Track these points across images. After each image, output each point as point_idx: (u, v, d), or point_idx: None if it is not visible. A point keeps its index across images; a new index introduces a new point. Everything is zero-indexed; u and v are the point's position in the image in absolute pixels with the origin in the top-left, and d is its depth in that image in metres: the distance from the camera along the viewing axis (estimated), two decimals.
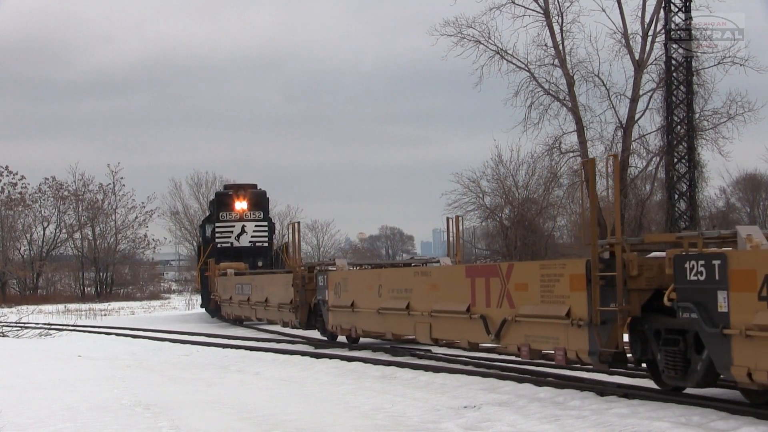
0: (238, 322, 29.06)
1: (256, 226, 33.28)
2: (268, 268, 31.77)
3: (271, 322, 24.41)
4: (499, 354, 14.44)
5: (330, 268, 19.44)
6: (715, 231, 10.12)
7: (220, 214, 33.34)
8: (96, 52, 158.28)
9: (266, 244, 33.80)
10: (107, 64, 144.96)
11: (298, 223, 21.07)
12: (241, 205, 33.11)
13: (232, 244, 32.87)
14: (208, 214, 41.49)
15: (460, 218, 19.57)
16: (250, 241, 33.11)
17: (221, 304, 29.24)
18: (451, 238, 19.37)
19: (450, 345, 15.43)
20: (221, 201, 33.79)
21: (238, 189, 33.74)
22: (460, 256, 19.02)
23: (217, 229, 33.27)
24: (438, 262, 18.79)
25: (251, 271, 30.06)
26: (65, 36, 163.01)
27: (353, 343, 17.99)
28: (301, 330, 21.08)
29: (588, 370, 12.22)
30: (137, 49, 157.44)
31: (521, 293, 11.74)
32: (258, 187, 34.57)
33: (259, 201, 33.75)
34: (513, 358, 13.88)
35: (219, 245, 32.94)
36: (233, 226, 33.07)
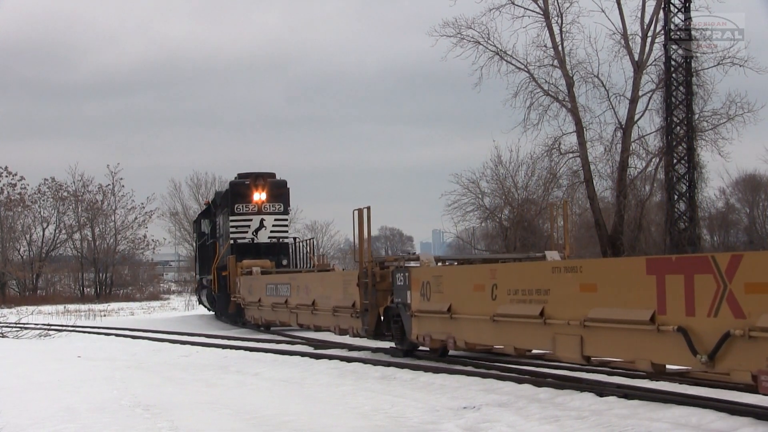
0: (265, 327, 25.39)
1: (276, 219, 29.49)
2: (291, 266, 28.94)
3: (319, 329, 20.77)
4: (708, 380, 10.10)
5: (411, 264, 15.68)
6: None
7: (236, 206, 29.24)
8: (101, 54, 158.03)
9: (287, 240, 30.20)
10: (111, 66, 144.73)
11: (368, 208, 16.29)
12: (259, 195, 29.17)
13: (252, 239, 29.13)
14: (204, 208, 38.89)
15: (567, 203, 16.38)
16: (269, 237, 29.29)
17: (246, 307, 25.92)
18: (557, 228, 16.76)
19: (608, 365, 11.54)
20: (237, 191, 29.49)
21: (256, 178, 29.44)
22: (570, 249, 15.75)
23: (231, 223, 29.32)
24: (543, 256, 15.28)
25: (289, 269, 27.12)
26: (70, 38, 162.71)
27: (442, 356, 14.88)
28: (366, 339, 17.43)
29: (587, 371, 12.21)
30: (142, 51, 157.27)
31: (758, 297, 8.34)
32: (276, 177, 30.52)
33: (280, 192, 29.75)
34: (512, 358, 13.84)
35: (235, 241, 29.07)
36: (250, 220, 29.20)
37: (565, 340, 10.93)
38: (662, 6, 32.79)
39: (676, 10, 32.58)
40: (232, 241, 29.01)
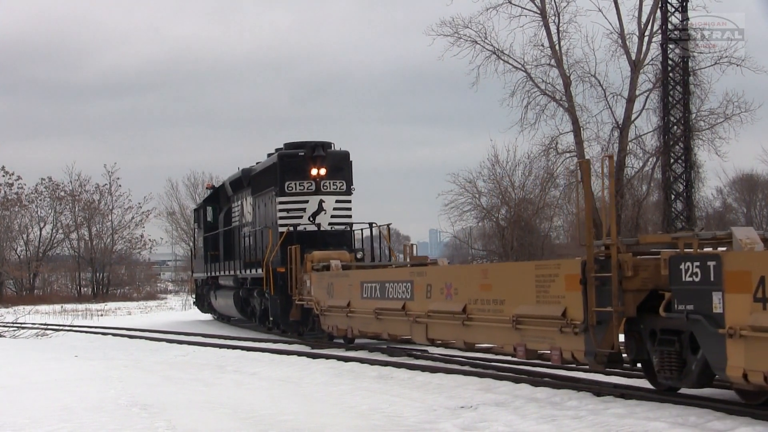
0: (348, 341, 18.58)
1: (337, 201, 22.81)
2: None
3: (471, 348, 14.35)
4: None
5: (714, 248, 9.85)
6: None
7: (286, 183, 22.58)
8: (109, 55, 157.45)
9: (360, 226, 23.56)
10: (118, 66, 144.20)
11: (610, 157, 11.36)
12: (317, 170, 22.57)
13: (319, 225, 22.50)
14: (207, 194, 33.52)
15: None
16: (330, 223, 22.66)
17: (324, 313, 19.17)
18: None
19: None
20: (288, 165, 22.72)
21: (313, 148, 22.67)
22: None
23: (280, 206, 22.68)
24: None
25: (376, 263, 21.81)
26: (78, 38, 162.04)
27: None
28: (596, 367, 10.99)
29: (585, 371, 12.22)
30: (150, 52, 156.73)
31: None
32: (334, 147, 23.48)
33: (341, 165, 23.03)
34: (510, 357, 13.81)
35: (294, 228, 22.15)
36: (306, 201, 22.57)
37: None
38: (659, 5, 32.84)
39: (673, 10, 32.63)
40: (291, 228, 22.25)
